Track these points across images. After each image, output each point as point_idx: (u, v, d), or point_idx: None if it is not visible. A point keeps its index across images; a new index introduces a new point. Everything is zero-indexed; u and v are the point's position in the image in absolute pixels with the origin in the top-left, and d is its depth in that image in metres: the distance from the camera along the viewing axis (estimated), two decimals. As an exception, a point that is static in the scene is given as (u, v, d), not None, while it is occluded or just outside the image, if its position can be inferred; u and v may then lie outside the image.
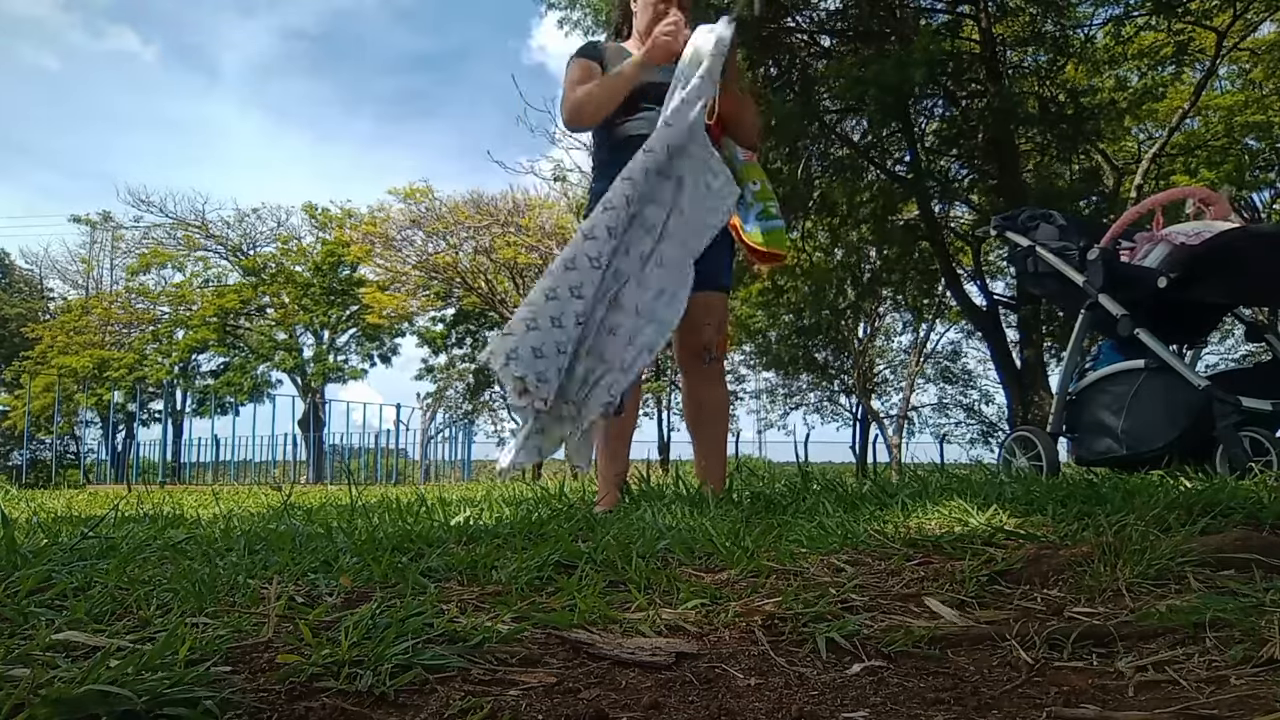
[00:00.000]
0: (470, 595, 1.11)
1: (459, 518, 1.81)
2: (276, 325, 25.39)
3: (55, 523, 2.05)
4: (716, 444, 2.61)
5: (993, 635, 0.94)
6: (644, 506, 1.88)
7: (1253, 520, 1.41)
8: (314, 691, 0.75)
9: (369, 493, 4.11)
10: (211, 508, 2.93)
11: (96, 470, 21.83)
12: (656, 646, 0.90)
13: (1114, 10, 9.49)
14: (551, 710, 0.75)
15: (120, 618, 0.96)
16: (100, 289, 27.09)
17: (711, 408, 2.61)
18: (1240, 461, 2.38)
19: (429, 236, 19.78)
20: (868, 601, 1.08)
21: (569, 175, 16.47)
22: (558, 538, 1.44)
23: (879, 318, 19.94)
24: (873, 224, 11.54)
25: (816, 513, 1.69)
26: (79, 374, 23.14)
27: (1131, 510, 1.44)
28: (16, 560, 1.21)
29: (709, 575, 1.24)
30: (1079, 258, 2.99)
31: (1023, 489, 1.83)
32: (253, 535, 1.53)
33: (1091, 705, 0.76)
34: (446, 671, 0.81)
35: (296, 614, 0.97)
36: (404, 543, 1.38)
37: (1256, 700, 0.74)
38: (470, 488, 6.04)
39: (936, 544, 1.35)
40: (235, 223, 24.77)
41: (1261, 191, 15.94)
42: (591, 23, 8.59)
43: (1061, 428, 3.05)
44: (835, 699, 0.79)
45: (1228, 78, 14.34)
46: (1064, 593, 1.11)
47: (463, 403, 26.25)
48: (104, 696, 0.66)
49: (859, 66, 8.54)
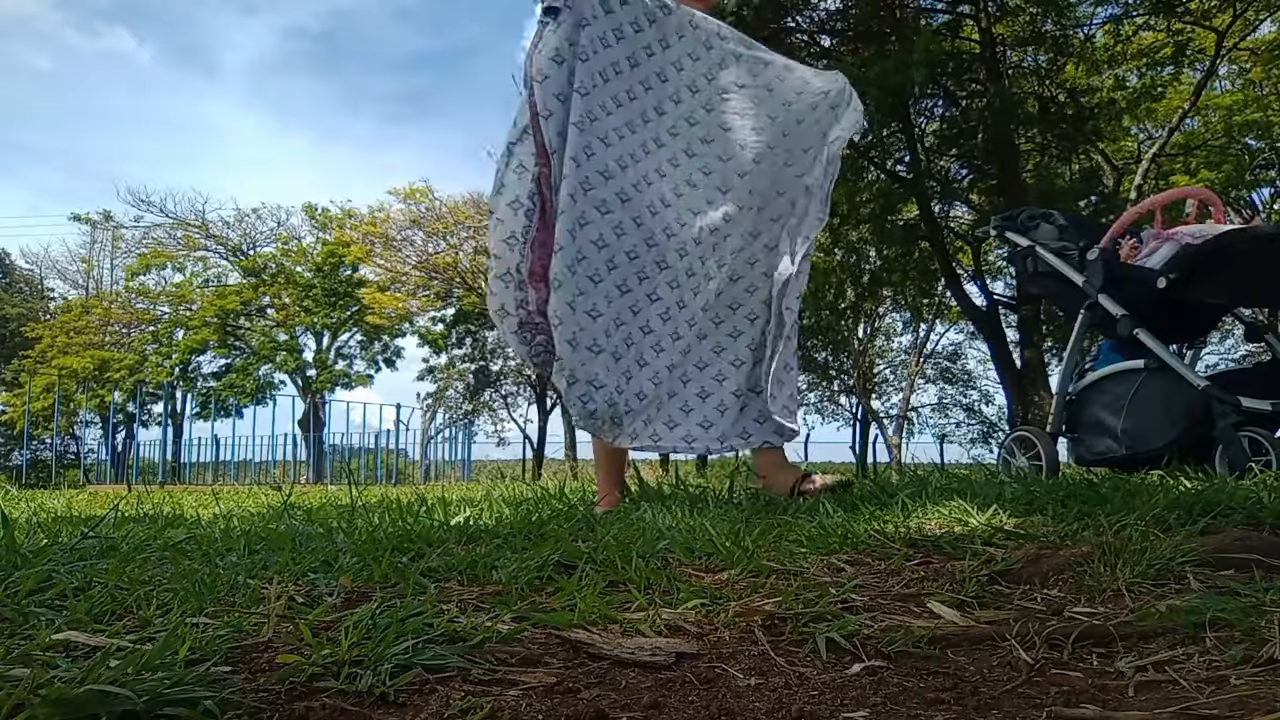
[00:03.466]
0: (470, 595, 1.11)
1: (459, 518, 1.81)
2: (277, 326, 25.39)
3: (55, 523, 2.05)
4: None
5: (993, 635, 0.94)
6: (644, 506, 1.88)
7: (1253, 520, 1.41)
8: (314, 691, 0.75)
9: (369, 493, 4.11)
10: (211, 508, 2.93)
11: (96, 470, 21.82)
12: (656, 646, 0.90)
13: (1113, 10, 9.50)
14: (551, 710, 0.75)
15: (120, 618, 0.96)
16: (100, 289, 27.10)
17: None
18: (1240, 461, 2.38)
19: (429, 236, 19.81)
20: (868, 601, 1.08)
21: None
22: (558, 538, 1.44)
23: (879, 318, 19.95)
24: (873, 224, 11.55)
25: (816, 513, 1.69)
26: (79, 374, 23.13)
27: (1131, 510, 1.44)
28: (16, 560, 1.21)
29: (709, 575, 1.24)
30: (1079, 258, 2.99)
31: (1023, 489, 1.83)
32: (253, 535, 1.53)
33: (1091, 705, 0.76)
34: (446, 671, 0.81)
35: (296, 614, 0.97)
36: (404, 543, 1.38)
37: (1256, 700, 0.74)
38: (470, 488, 6.04)
39: (936, 544, 1.35)
40: (235, 223, 24.80)
41: (1261, 191, 15.94)
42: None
43: (1061, 428, 3.05)
44: (835, 699, 0.79)
45: (1227, 77, 14.34)
46: (1064, 593, 1.11)
47: (463, 403, 26.26)
48: (104, 696, 0.66)
49: (859, 66, 8.55)
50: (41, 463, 22.46)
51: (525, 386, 25.37)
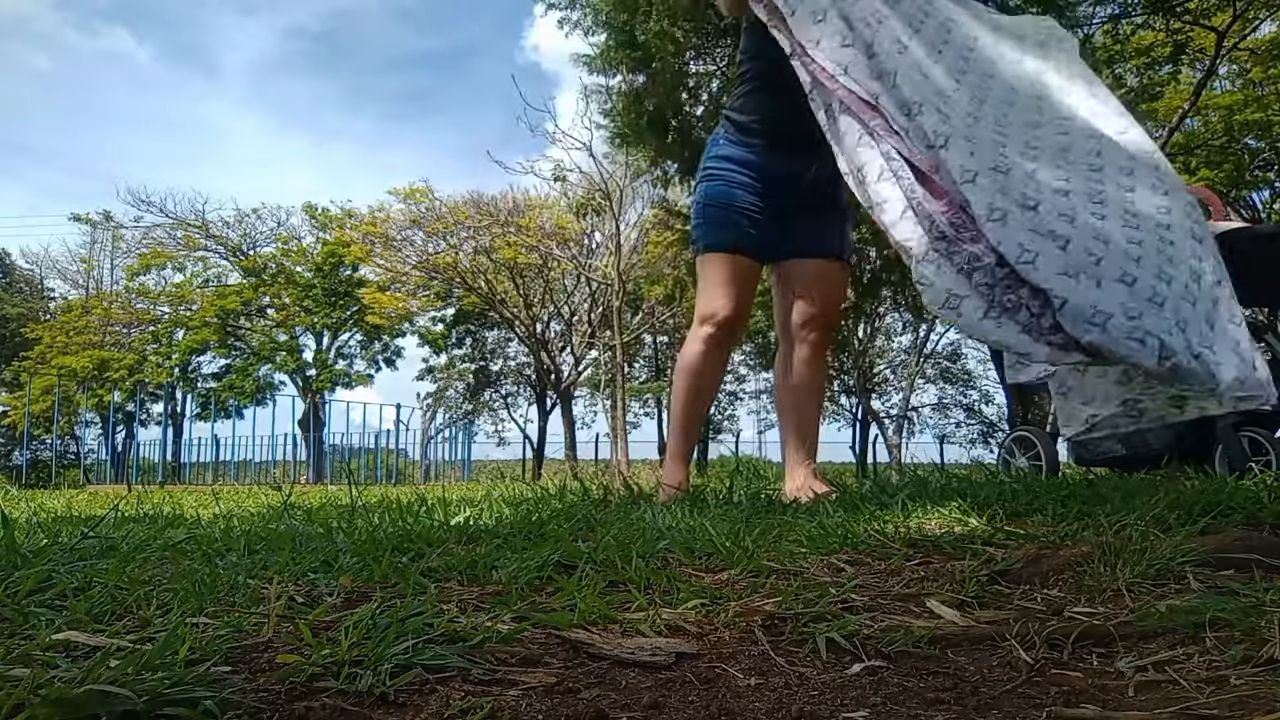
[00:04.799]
0: (470, 595, 1.11)
1: (459, 518, 1.81)
2: (277, 326, 25.38)
3: (55, 523, 2.05)
4: (813, 424, 2.48)
5: (993, 635, 0.94)
6: (644, 506, 1.88)
7: (1253, 520, 1.41)
8: (314, 691, 0.75)
9: (369, 493, 4.11)
10: (211, 508, 2.93)
11: (96, 470, 21.82)
12: (656, 646, 0.90)
13: (1113, 9, 9.49)
14: (551, 710, 0.75)
15: (120, 618, 0.96)
16: (100, 289, 27.09)
17: (815, 384, 2.45)
18: (1240, 461, 2.38)
19: (429, 236, 19.80)
20: (868, 601, 1.08)
21: (569, 175, 16.45)
22: (558, 538, 1.44)
23: (879, 318, 19.93)
24: (873, 224, 11.53)
25: (816, 513, 1.69)
26: (79, 374, 23.13)
27: (1131, 510, 1.44)
28: (16, 560, 1.21)
29: (709, 575, 1.24)
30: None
31: (1023, 489, 1.83)
32: (253, 535, 1.53)
33: (1091, 705, 0.76)
34: (446, 671, 0.81)
35: (296, 614, 0.97)
36: (404, 543, 1.38)
37: (1256, 700, 0.73)
38: (470, 488, 6.04)
39: (936, 544, 1.35)
40: (235, 223, 24.79)
41: (1261, 191, 15.93)
42: (591, 23, 8.58)
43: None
44: (835, 699, 0.79)
45: (1227, 77, 14.34)
46: (1064, 593, 1.11)
47: (463, 403, 26.27)
48: (104, 696, 0.66)
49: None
50: (41, 463, 22.45)
51: (525, 386, 25.39)
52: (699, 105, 8.73)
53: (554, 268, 20.15)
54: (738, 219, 2.38)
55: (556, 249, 19.21)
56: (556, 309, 21.86)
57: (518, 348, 24.39)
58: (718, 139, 2.49)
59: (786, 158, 2.38)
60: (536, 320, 21.30)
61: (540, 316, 21.52)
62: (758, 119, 2.42)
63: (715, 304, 2.37)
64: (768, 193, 2.39)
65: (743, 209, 2.39)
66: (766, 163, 2.40)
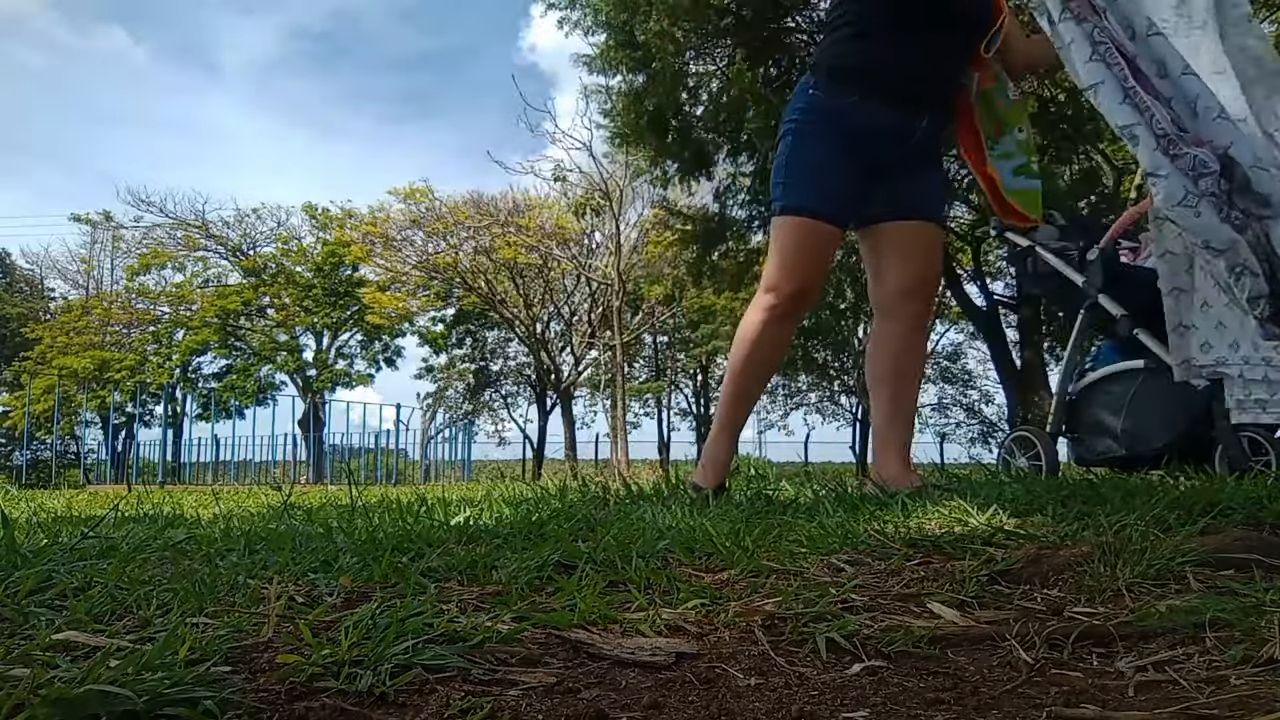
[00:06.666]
0: (470, 595, 1.11)
1: (459, 518, 1.81)
2: (278, 326, 25.38)
3: (55, 523, 2.05)
4: (910, 403, 2.29)
5: (993, 635, 0.94)
6: (644, 506, 1.88)
7: (1253, 520, 1.41)
8: (314, 691, 0.75)
9: (369, 493, 4.11)
10: (211, 508, 2.93)
11: (96, 470, 21.82)
12: (656, 646, 0.90)
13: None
14: (551, 710, 0.75)
15: (120, 618, 0.96)
16: (100, 289, 27.08)
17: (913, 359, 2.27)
18: (1240, 461, 2.38)
19: (429, 236, 19.80)
20: (868, 601, 1.08)
21: (569, 175, 16.46)
22: (558, 538, 1.44)
23: (879, 317, 19.92)
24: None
25: (816, 513, 1.69)
26: (79, 374, 23.13)
27: (1131, 510, 1.44)
28: (16, 560, 1.21)
29: (709, 575, 1.24)
30: (1079, 258, 2.99)
31: (1023, 489, 1.83)
32: (253, 535, 1.53)
33: (1091, 705, 0.76)
34: (446, 671, 0.81)
35: (296, 614, 0.97)
36: (404, 543, 1.38)
37: (1256, 700, 0.73)
38: (470, 488, 6.04)
39: (936, 544, 1.35)
40: (235, 223, 24.77)
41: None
42: (591, 23, 8.58)
43: (1061, 428, 3.05)
44: (835, 699, 0.79)
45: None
46: (1064, 593, 1.11)
47: (463, 403, 26.26)
48: (104, 696, 0.66)
49: (859, 66, 8.52)
50: (42, 463, 22.45)
51: (525, 386, 25.39)
52: (699, 105, 8.73)
53: (554, 268, 20.16)
54: (821, 180, 2.18)
55: (556, 249, 19.22)
56: (556, 309, 21.87)
57: (518, 348, 24.41)
58: (805, 89, 2.29)
59: (888, 111, 2.17)
60: (536, 320, 21.30)
61: (540, 316, 21.52)
62: (859, 67, 2.19)
63: (782, 274, 2.19)
64: (860, 149, 2.18)
65: (828, 167, 2.18)
66: (862, 117, 2.17)
